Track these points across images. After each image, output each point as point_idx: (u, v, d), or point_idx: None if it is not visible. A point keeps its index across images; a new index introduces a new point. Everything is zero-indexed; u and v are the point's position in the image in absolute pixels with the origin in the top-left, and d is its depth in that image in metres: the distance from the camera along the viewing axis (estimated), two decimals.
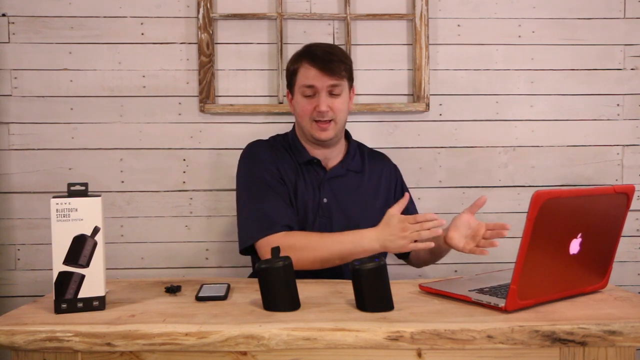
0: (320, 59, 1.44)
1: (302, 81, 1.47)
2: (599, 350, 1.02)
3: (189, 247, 1.85)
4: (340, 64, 1.45)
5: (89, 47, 1.81)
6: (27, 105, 1.80)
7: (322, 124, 1.46)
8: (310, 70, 1.45)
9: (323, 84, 1.44)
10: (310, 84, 1.45)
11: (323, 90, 1.45)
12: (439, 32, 1.86)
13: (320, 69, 1.44)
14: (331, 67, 1.44)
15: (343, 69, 1.46)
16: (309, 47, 1.51)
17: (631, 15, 1.88)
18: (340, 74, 1.45)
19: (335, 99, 1.46)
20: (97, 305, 1.10)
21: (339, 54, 1.48)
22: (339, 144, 1.55)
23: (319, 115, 1.45)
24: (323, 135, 1.47)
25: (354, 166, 1.56)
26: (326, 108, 1.44)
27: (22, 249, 1.82)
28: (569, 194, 1.06)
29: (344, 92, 1.48)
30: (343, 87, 1.47)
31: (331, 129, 1.47)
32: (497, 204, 1.89)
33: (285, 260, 1.10)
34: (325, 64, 1.44)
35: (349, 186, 1.54)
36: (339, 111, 1.47)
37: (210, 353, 1.00)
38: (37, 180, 1.81)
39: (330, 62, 1.44)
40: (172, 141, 1.84)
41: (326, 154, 1.54)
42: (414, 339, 0.98)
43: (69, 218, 1.08)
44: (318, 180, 1.52)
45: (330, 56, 1.45)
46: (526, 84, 1.88)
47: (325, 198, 1.50)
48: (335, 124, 1.48)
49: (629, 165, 1.91)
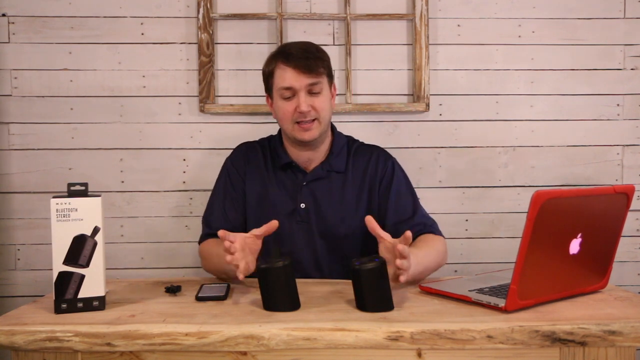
0: (294, 57, 1.38)
1: (279, 83, 1.40)
2: (599, 350, 1.02)
3: (189, 247, 1.85)
4: (316, 61, 1.39)
5: (89, 47, 1.81)
6: (27, 105, 1.80)
7: (304, 125, 1.40)
8: (286, 71, 1.38)
9: (301, 84, 1.38)
10: (288, 85, 1.38)
11: (302, 90, 1.38)
12: (439, 32, 1.86)
13: (296, 67, 1.37)
14: (307, 64, 1.37)
15: (321, 66, 1.39)
16: (283, 46, 1.46)
17: (631, 15, 1.88)
18: (317, 70, 1.38)
19: (316, 97, 1.40)
20: (97, 305, 1.10)
21: (314, 50, 1.41)
22: (323, 143, 1.49)
23: (301, 116, 1.39)
24: (307, 136, 1.41)
25: (337, 166, 1.49)
26: (307, 108, 1.38)
27: (22, 249, 1.82)
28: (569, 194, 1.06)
29: (325, 89, 1.42)
30: (323, 84, 1.41)
31: (315, 129, 1.41)
32: (497, 204, 1.89)
33: (285, 261, 1.10)
34: (301, 61, 1.37)
35: (330, 188, 1.47)
36: (322, 109, 1.40)
37: (210, 353, 1.00)
38: (37, 180, 1.81)
39: (306, 59, 1.37)
40: (172, 141, 1.84)
41: (309, 155, 1.48)
42: (414, 339, 0.98)
43: (69, 218, 1.08)
44: (296, 185, 1.48)
45: (305, 53, 1.39)
46: (526, 84, 1.88)
47: (302, 203, 1.46)
48: (319, 123, 1.41)
49: (629, 165, 1.91)
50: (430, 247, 1.37)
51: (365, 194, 1.48)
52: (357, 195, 1.48)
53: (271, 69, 1.43)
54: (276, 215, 1.42)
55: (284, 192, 1.48)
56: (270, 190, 1.48)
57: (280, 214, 1.45)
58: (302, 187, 1.47)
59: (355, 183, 1.49)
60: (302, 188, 1.47)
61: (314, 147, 1.47)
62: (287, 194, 1.48)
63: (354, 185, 1.49)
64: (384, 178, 1.50)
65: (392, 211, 1.46)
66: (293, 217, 1.46)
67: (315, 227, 1.46)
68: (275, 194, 1.48)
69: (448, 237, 1.51)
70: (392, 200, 1.47)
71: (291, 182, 1.49)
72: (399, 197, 1.48)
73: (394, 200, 1.47)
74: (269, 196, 1.48)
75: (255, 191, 1.49)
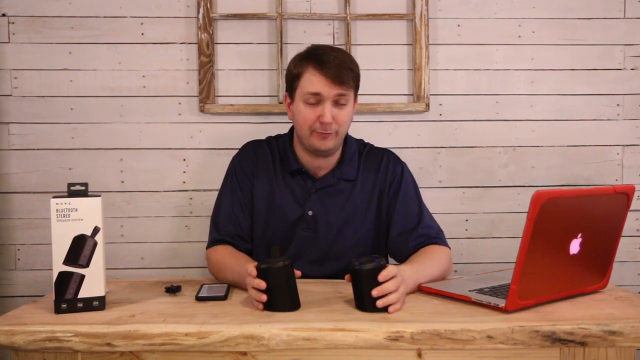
0: (329, 66, 1.32)
1: (306, 87, 1.34)
2: (599, 351, 1.02)
3: (189, 247, 1.85)
4: (349, 73, 1.34)
5: (89, 47, 1.81)
6: (27, 105, 1.80)
7: (323, 134, 1.35)
8: (317, 77, 1.33)
9: (330, 93, 1.33)
10: (316, 91, 1.33)
11: (329, 99, 1.33)
12: (439, 32, 1.86)
13: (329, 76, 1.32)
14: (340, 75, 1.32)
15: (351, 78, 1.35)
16: (316, 50, 1.38)
17: (631, 15, 1.88)
18: (349, 83, 1.34)
19: (340, 109, 1.35)
20: (97, 305, 1.10)
21: (349, 61, 1.36)
22: (335, 153, 1.46)
23: (322, 127, 1.34)
24: (323, 146, 1.37)
25: (348, 174, 1.46)
26: (330, 119, 1.33)
27: (22, 249, 1.82)
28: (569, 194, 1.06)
29: (349, 102, 1.38)
30: (349, 97, 1.37)
31: (331, 140, 1.37)
32: (497, 204, 1.89)
33: (285, 261, 1.10)
34: (334, 71, 1.32)
35: (339, 196, 1.45)
36: (343, 123, 1.37)
37: (210, 353, 1.00)
38: (37, 180, 1.81)
39: (340, 69, 1.32)
40: (172, 141, 1.83)
41: (320, 162, 1.45)
42: (414, 339, 0.98)
43: (69, 218, 1.08)
44: (305, 191, 1.45)
45: (340, 63, 1.33)
46: (526, 84, 1.88)
47: (310, 210, 1.43)
48: (336, 135, 1.37)
49: (629, 165, 1.91)
50: (431, 259, 1.34)
51: (374, 202, 1.46)
52: (366, 204, 1.46)
53: (300, 71, 1.37)
54: (282, 221, 1.42)
55: (291, 198, 1.45)
56: (278, 194, 1.45)
57: (287, 219, 1.44)
58: (310, 194, 1.44)
59: (365, 191, 1.46)
60: (310, 195, 1.44)
61: (326, 155, 1.43)
62: (294, 200, 1.45)
63: (364, 193, 1.46)
64: (393, 183, 1.47)
65: (397, 220, 1.44)
66: (299, 224, 1.44)
67: (322, 236, 1.44)
68: (283, 199, 1.45)
69: (448, 237, 1.51)
70: (399, 208, 1.44)
71: (300, 188, 1.46)
72: (406, 205, 1.45)
73: (400, 208, 1.44)
74: (276, 200, 1.45)
75: (263, 193, 1.46)
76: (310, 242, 1.44)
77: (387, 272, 1.09)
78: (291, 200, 1.45)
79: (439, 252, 1.38)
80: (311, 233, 1.44)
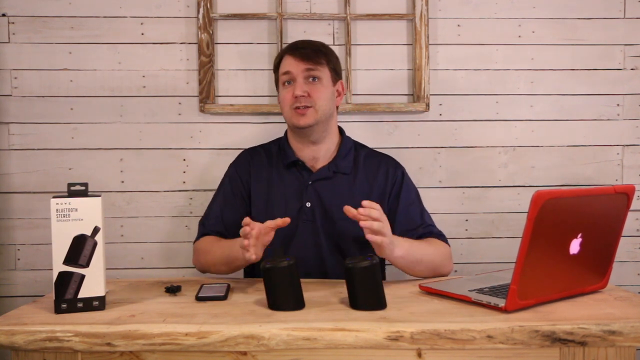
0: (296, 47, 1.47)
1: (281, 71, 1.48)
2: (599, 350, 1.02)
3: (189, 247, 1.84)
4: (318, 52, 1.46)
5: (89, 47, 1.81)
6: (27, 105, 1.80)
7: (300, 110, 1.43)
8: (288, 59, 1.46)
9: (298, 69, 1.44)
10: (286, 70, 1.46)
11: (299, 75, 1.44)
12: (439, 32, 1.86)
13: (297, 55, 1.45)
14: (307, 53, 1.45)
15: (322, 57, 1.46)
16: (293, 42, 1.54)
17: (631, 15, 1.88)
18: (316, 60, 1.45)
19: (313, 84, 1.45)
20: (97, 305, 1.10)
21: (319, 44, 1.50)
22: (327, 140, 1.51)
23: (297, 102, 1.43)
24: (302, 121, 1.43)
25: (343, 167, 1.50)
26: (302, 92, 1.43)
27: (22, 249, 1.82)
28: (569, 194, 1.06)
29: (325, 79, 1.46)
30: (322, 73, 1.46)
31: (310, 115, 1.44)
32: (497, 204, 1.89)
33: (290, 260, 1.10)
34: (301, 51, 1.45)
35: (336, 189, 1.48)
36: (318, 98, 1.44)
37: (210, 353, 1.00)
38: (37, 180, 1.81)
39: (305, 48, 1.46)
40: (172, 141, 1.84)
41: (314, 152, 1.50)
42: (414, 339, 0.98)
43: (69, 218, 1.08)
44: (302, 184, 1.49)
45: (306, 44, 1.48)
46: (526, 84, 1.88)
47: (308, 202, 1.47)
48: (315, 111, 1.44)
49: (629, 165, 1.91)
50: (430, 245, 1.39)
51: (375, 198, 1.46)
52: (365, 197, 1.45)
53: (278, 62, 1.51)
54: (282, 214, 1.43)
55: (289, 191, 1.49)
56: (276, 189, 1.50)
57: (286, 212, 1.44)
58: (307, 186, 1.48)
59: (362, 186, 1.49)
60: (307, 187, 1.48)
61: (314, 139, 1.49)
62: (293, 193, 1.48)
63: (361, 188, 1.49)
64: (393, 187, 1.51)
65: (400, 221, 1.46)
66: (299, 215, 1.46)
67: (321, 226, 1.46)
68: (281, 192, 1.49)
69: (448, 237, 1.51)
70: (401, 210, 1.47)
71: (297, 180, 1.50)
72: (408, 207, 1.49)
73: (402, 210, 1.47)
74: (275, 195, 1.49)
75: (262, 193, 1.50)
76: (311, 233, 1.46)
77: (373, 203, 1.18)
78: (289, 194, 1.49)
79: (439, 243, 1.43)
80: (311, 224, 1.46)
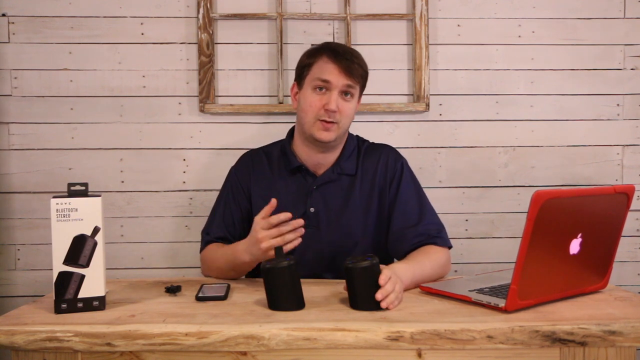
0: (342, 56, 1.38)
1: (317, 73, 1.39)
2: (599, 351, 1.02)
3: (189, 247, 1.85)
4: (359, 68, 1.40)
5: (89, 47, 1.81)
6: (27, 105, 1.80)
7: (326, 124, 1.38)
8: (329, 65, 1.38)
9: (339, 82, 1.37)
10: (326, 78, 1.37)
11: (337, 88, 1.37)
12: (439, 32, 1.86)
13: (341, 66, 1.37)
14: (351, 67, 1.37)
15: (360, 74, 1.41)
16: (329, 43, 1.45)
17: (631, 15, 1.88)
18: (357, 77, 1.39)
19: (346, 102, 1.39)
20: (97, 305, 1.10)
21: (360, 58, 1.43)
22: (336, 149, 1.48)
23: (326, 114, 1.37)
24: (324, 136, 1.39)
25: (348, 169, 1.47)
26: (336, 107, 1.37)
27: (22, 249, 1.82)
28: (569, 194, 1.06)
29: (355, 97, 1.43)
30: (356, 91, 1.42)
31: (333, 131, 1.40)
32: (497, 204, 1.89)
33: (290, 260, 1.10)
34: (346, 62, 1.37)
35: (340, 191, 1.46)
36: (346, 116, 1.40)
37: (210, 353, 1.00)
38: (37, 180, 1.81)
39: (352, 62, 1.38)
40: (172, 141, 1.84)
41: (320, 159, 1.47)
42: (414, 339, 0.98)
43: (69, 218, 1.08)
44: (306, 189, 1.46)
45: (352, 56, 1.39)
46: (526, 84, 1.88)
47: (312, 207, 1.45)
48: (338, 128, 1.40)
49: (629, 165, 1.91)
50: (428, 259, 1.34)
51: (375, 197, 1.46)
52: (367, 199, 1.46)
53: (312, 61, 1.41)
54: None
55: (292, 197, 1.46)
56: (279, 194, 1.45)
57: None
58: (312, 191, 1.45)
59: (365, 186, 1.47)
60: (312, 192, 1.45)
61: (326, 150, 1.45)
62: (296, 198, 1.46)
63: (365, 188, 1.47)
64: (393, 179, 1.48)
65: (397, 216, 1.44)
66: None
67: (325, 232, 1.44)
68: (284, 198, 1.44)
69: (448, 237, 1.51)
70: (399, 205, 1.45)
71: (301, 186, 1.47)
72: (406, 201, 1.46)
73: (400, 205, 1.45)
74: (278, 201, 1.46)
75: (263, 198, 1.46)
76: (314, 239, 1.44)
77: (385, 275, 1.10)
78: (293, 199, 1.46)
79: (437, 252, 1.38)
80: (314, 230, 1.44)
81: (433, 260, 1.34)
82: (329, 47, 1.42)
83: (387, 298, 1.09)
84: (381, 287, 1.09)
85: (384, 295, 1.08)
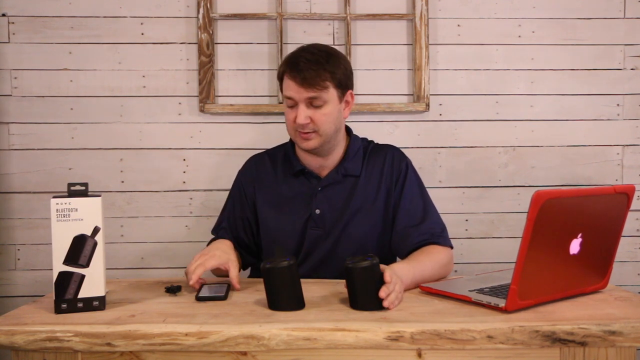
0: (298, 70, 1.35)
1: (284, 90, 1.41)
2: (599, 351, 1.02)
3: (189, 247, 1.84)
4: (321, 74, 1.35)
5: (89, 47, 1.81)
6: (27, 105, 1.80)
7: (304, 135, 1.39)
8: (289, 81, 1.37)
9: (301, 97, 1.36)
10: (289, 95, 1.38)
11: (301, 102, 1.37)
12: (439, 32, 1.86)
13: (297, 81, 1.35)
14: (307, 78, 1.34)
15: (326, 79, 1.36)
16: (293, 54, 1.41)
17: (631, 15, 1.88)
18: (318, 85, 1.35)
19: (317, 110, 1.37)
20: (97, 305, 1.10)
21: (324, 61, 1.37)
22: (334, 151, 1.46)
23: (299, 127, 1.38)
24: (305, 145, 1.40)
25: (352, 170, 1.47)
26: (304, 120, 1.36)
27: (22, 249, 1.82)
28: (569, 194, 1.06)
29: (329, 102, 1.38)
30: (326, 98, 1.37)
31: (314, 140, 1.39)
32: (497, 204, 1.89)
33: (290, 260, 1.10)
34: (302, 75, 1.34)
35: (345, 193, 1.46)
36: (322, 123, 1.37)
37: (210, 353, 1.00)
38: (37, 180, 1.81)
39: (308, 72, 1.34)
40: (172, 141, 1.84)
41: (321, 162, 1.47)
42: (414, 339, 0.98)
43: (69, 218, 1.08)
44: (310, 191, 1.46)
45: (310, 66, 1.35)
46: (526, 84, 1.88)
47: (317, 209, 1.45)
48: (319, 135, 1.39)
49: (629, 165, 1.91)
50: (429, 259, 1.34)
51: (381, 197, 1.46)
52: (373, 199, 1.46)
53: (281, 77, 1.42)
54: (291, 222, 1.44)
55: (297, 199, 1.46)
56: (284, 197, 1.47)
57: (295, 221, 1.45)
58: (317, 193, 1.45)
59: (370, 187, 1.47)
60: (317, 194, 1.45)
61: (322, 155, 1.45)
62: (301, 201, 1.46)
63: (370, 189, 1.47)
64: (398, 179, 1.48)
65: (401, 215, 1.44)
66: (308, 223, 1.45)
67: (331, 233, 1.44)
68: (289, 201, 1.47)
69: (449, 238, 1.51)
70: (403, 204, 1.45)
71: (305, 188, 1.47)
72: (410, 200, 1.46)
73: (405, 204, 1.45)
74: (283, 204, 1.47)
75: (269, 202, 1.49)
76: (320, 241, 1.44)
77: (388, 276, 1.11)
78: (298, 202, 1.46)
79: (440, 252, 1.38)
80: (320, 231, 1.44)
81: (435, 260, 1.34)
82: (289, 60, 1.39)
83: (387, 298, 1.09)
84: (386, 284, 1.09)
85: (387, 293, 1.09)
